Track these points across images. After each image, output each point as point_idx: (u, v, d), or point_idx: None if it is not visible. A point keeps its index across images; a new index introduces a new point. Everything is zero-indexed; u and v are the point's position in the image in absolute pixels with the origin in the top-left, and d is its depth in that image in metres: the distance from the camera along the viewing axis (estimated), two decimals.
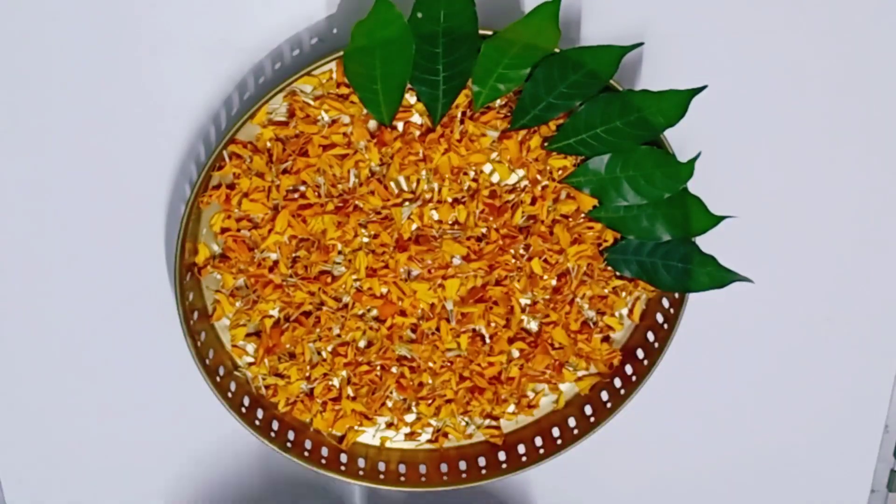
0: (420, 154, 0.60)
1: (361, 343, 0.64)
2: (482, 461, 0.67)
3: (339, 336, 0.63)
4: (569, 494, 0.74)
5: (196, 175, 0.61)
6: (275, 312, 0.63)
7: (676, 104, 0.57)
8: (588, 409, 0.67)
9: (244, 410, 0.63)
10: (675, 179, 0.59)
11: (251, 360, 0.65)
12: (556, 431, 0.67)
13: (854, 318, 0.71)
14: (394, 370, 0.64)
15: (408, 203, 0.61)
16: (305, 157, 0.59)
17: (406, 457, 0.67)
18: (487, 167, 0.61)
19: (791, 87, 0.65)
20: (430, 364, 0.64)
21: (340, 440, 0.66)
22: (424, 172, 0.60)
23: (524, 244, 0.62)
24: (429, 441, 0.68)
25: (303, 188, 0.60)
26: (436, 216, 0.61)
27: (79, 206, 0.63)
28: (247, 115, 0.57)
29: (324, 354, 0.64)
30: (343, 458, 0.66)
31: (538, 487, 0.72)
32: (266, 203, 0.60)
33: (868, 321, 0.72)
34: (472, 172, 0.61)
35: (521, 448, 0.67)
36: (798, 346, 0.72)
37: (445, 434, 0.67)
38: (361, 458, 0.66)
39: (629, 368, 0.66)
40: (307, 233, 0.60)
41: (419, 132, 0.60)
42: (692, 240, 0.61)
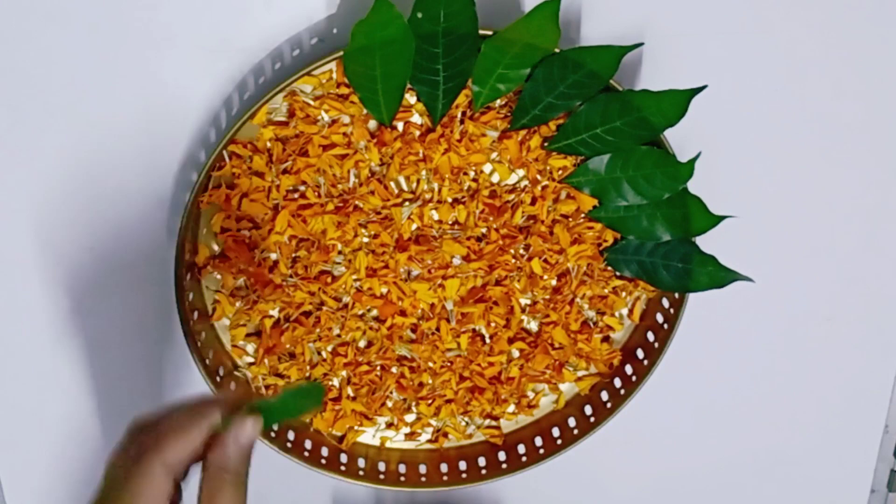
0: (420, 154, 0.60)
1: (361, 343, 0.64)
2: (482, 461, 0.67)
3: (339, 336, 0.63)
4: (569, 494, 0.74)
5: (196, 175, 0.61)
6: (275, 312, 0.63)
7: (676, 104, 0.57)
8: (588, 409, 0.67)
9: None
10: (675, 179, 0.59)
11: (251, 360, 0.65)
12: (556, 431, 0.67)
13: (854, 318, 0.71)
14: (394, 370, 0.64)
15: (408, 203, 0.61)
16: (305, 157, 0.59)
17: (406, 457, 0.67)
18: (487, 167, 0.61)
19: (791, 87, 0.65)
20: (430, 364, 0.64)
21: (340, 440, 0.66)
22: (424, 172, 0.60)
23: (524, 244, 0.62)
24: (429, 441, 0.68)
25: (303, 188, 0.60)
26: (436, 216, 0.61)
27: (78, 206, 0.63)
28: (247, 115, 0.57)
29: (324, 354, 0.64)
30: (343, 458, 0.66)
31: (538, 487, 0.72)
32: (266, 203, 0.60)
33: (868, 321, 0.72)
34: (472, 172, 0.61)
35: (521, 448, 0.67)
36: (798, 346, 0.72)
37: (445, 434, 0.67)
38: (361, 458, 0.66)
39: (629, 368, 0.66)
40: (307, 233, 0.60)
41: (419, 132, 0.60)
42: (692, 240, 0.62)
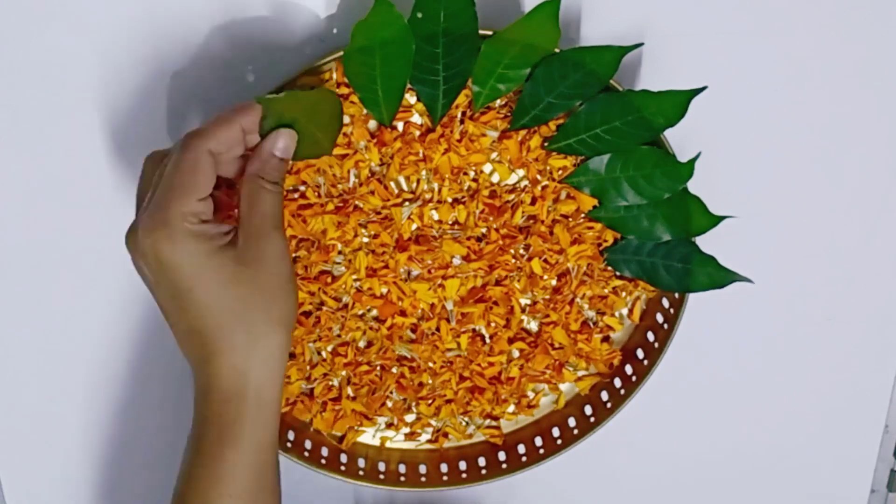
0: (420, 154, 0.60)
1: (361, 343, 0.64)
2: (482, 461, 0.67)
3: (339, 336, 0.63)
4: (569, 494, 0.74)
5: None
6: None
7: (676, 104, 0.57)
8: (588, 409, 0.67)
9: None
10: (675, 179, 0.59)
11: None
12: (556, 431, 0.67)
13: (854, 318, 0.71)
14: (394, 370, 0.64)
15: (408, 203, 0.61)
16: None
17: (406, 457, 0.67)
18: (487, 167, 0.61)
19: (791, 87, 0.65)
20: (430, 364, 0.64)
21: (340, 440, 0.66)
22: (424, 172, 0.60)
23: (524, 244, 0.62)
24: (429, 441, 0.68)
25: (303, 188, 0.60)
26: (436, 216, 0.61)
27: (78, 206, 0.63)
28: None
29: (324, 354, 0.64)
30: (343, 458, 0.66)
31: (538, 487, 0.72)
32: None
33: (868, 321, 0.72)
34: (472, 172, 0.61)
35: (521, 448, 0.67)
36: (798, 346, 0.72)
37: (445, 434, 0.67)
38: (361, 458, 0.66)
39: (629, 368, 0.66)
40: (307, 233, 0.60)
41: (419, 132, 0.60)
42: (692, 240, 0.61)
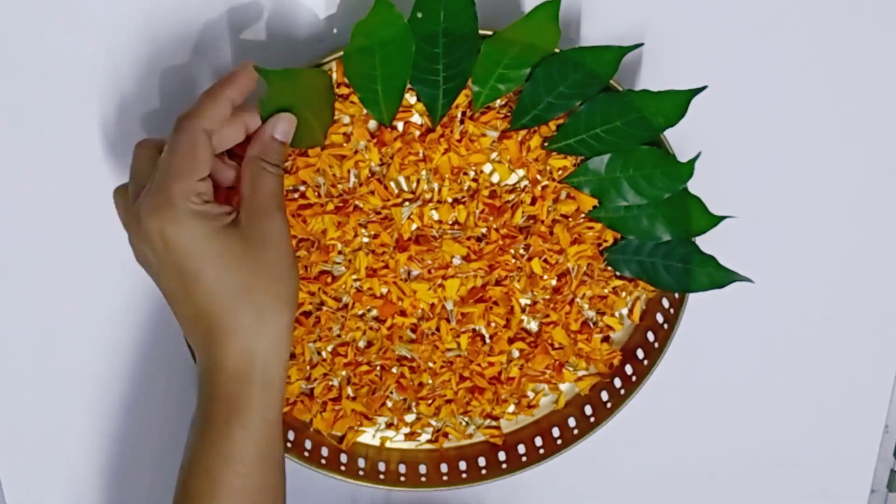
0: (420, 154, 0.60)
1: (361, 343, 0.64)
2: (482, 461, 0.67)
3: (339, 336, 0.63)
4: (569, 494, 0.74)
5: None
6: None
7: (676, 104, 0.57)
8: (588, 409, 0.67)
9: None
10: (675, 179, 0.59)
11: None
12: (556, 431, 0.67)
13: (854, 318, 0.71)
14: (394, 370, 0.64)
15: (408, 203, 0.61)
16: (305, 157, 0.59)
17: (406, 457, 0.67)
18: (487, 167, 0.61)
19: (791, 87, 0.65)
20: (430, 364, 0.64)
21: (340, 440, 0.66)
22: (424, 172, 0.60)
23: (524, 244, 0.62)
24: (429, 441, 0.68)
25: (302, 188, 0.60)
26: (436, 216, 0.61)
27: (78, 206, 0.63)
28: None
29: (324, 354, 0.64)
30: (343, 458, 0.66)
31: (539, 487, 0.72)
32: None
33: (868, 321, 0.72)
34: (472, 172, 0.61)
35: (521, 448, 0.67)
36: (798, 346, 0.72)
37: (445, 434, 0.67)
38: (361, 458, 0.66)
39: (629, 368, 0.66)
40: (307, 233, 0.60)
41: (419, 132, 0.60)
42: (692, 240, 0.61)
